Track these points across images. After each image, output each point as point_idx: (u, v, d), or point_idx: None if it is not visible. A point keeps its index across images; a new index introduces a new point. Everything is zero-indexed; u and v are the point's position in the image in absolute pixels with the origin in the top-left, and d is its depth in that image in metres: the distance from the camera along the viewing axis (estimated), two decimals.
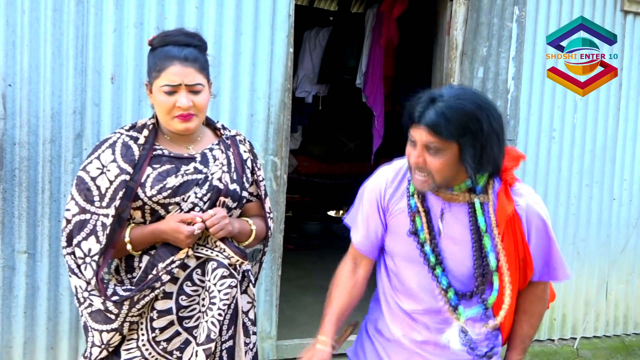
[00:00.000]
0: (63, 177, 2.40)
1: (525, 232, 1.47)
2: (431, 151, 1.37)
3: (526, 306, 1.56)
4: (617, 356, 3.60)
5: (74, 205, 1.51)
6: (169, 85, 1.47)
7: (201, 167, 1.56)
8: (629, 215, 3.65)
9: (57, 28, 2.35)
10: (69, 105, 2.39)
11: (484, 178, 1.45)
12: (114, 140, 1.53)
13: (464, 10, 3.14)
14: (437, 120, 1.33)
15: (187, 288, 1.52)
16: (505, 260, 1.44)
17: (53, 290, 2.42)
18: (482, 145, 1.35)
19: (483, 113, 1.35)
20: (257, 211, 1.72)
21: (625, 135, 3.60)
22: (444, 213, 1.48)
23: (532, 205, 1.49)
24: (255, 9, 2.64)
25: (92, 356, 1.52)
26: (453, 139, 1.34)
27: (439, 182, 1.41)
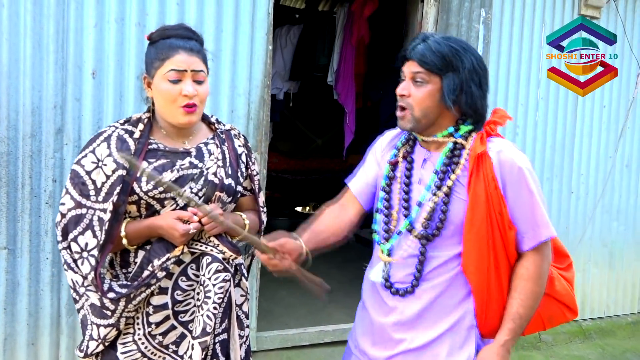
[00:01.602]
0: (44, 173, 2.39)
1: (498, 179, 1.44)
2: (417, 82, 1.48)
3: (516, 282, 1.48)
4: (575, 340, 3.82)
5: (69, 200, 1.49)
6: (175, 70, 1.47)
7: (196, 161, 1.55)
8: (586, 208, 3.88)
9: (37, 22, 2.34)
10: (49, 100, 2.37)
11: (467, 128, 1.51)
12: (109, 134, 1.52)
13: (434, 12, 3.27)
14: (424, 52, 1.46)
15: (182, 283, 1.52)
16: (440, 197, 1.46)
17: (34, 286, 2.41)
18: (462, 82, 1.46)
19: (467, 53, 1.47)
20: (250, 205, 1.73)
21: (582, 132, 3.83)
22: (425, 161, 1.55)
23: (506, 152, 1.47)
24: (235, 7, 2.68)
25: (89, 350, 1.52)
26: (437, 71, 1.46)
27: (418, 116, 1.49)
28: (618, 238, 4.04)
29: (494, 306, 1.50)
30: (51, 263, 2.43)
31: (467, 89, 1.47)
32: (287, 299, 3.86)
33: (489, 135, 1.50)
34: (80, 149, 1.55)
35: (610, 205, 3.98)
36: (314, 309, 3.82)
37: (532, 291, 1.48)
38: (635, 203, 4.08)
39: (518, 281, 1.49)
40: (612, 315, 4.07)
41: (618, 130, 3.95)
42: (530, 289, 1.47)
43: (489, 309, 1.50)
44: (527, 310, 1.48)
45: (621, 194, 4.02)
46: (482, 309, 1.50)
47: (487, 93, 1.53)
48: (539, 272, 1.48)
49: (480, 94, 1.50)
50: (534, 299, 1.49)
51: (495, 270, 1.48)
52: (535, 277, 1.48)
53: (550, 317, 1.62)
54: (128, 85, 2.49)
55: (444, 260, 1.51)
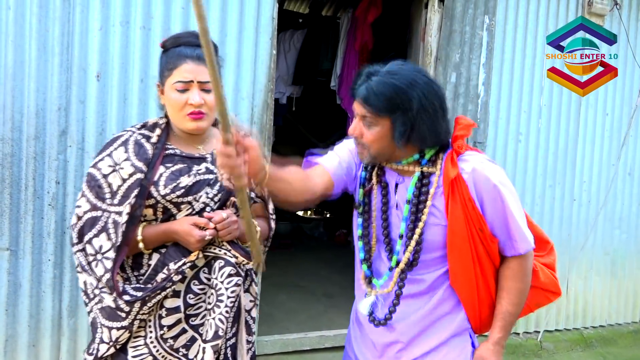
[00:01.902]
0: (47, 174, 2.39)
1: (474, 199, 1.44)
2: (366, 124, 1.44)
3: (503, 282, 1.54)
4: (576, 348, 3.81)
5: (85, 202, 1.51)
6: (182, 81, 1.49)
7: (212, 167, 1.58)
8: (588, 215, 3.87)
9: (42, 24, 2.35)
10: (53, 102, 2.38)
11: (432, 151, 1.49)
12: (126, 138, 1.54)
13: (438, 18, 3.28)
14: (367, 94, 1.40)
15: (195, 286, 1.54)
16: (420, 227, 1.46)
17: (35, 288, 2.41)
18: (412, 123, 1.40)
19: (414, 90, 1.38)
20: (260, 212, 1.74)
21: (585, 139, 3.83)
22: (398, 185, 1.54)
23: (480, 170, 1.46)
24: (240, 11, 2.69)
25: (99, 353, 1.51)
26: (384, 114, 1.40)
27: (374, 154, 1.46)
28: (620, 246, 4.03)
29: (484, 308, 1.57)
30: (53, 265, 2.43)
31: (417, 127, 1.42)
32: (287, 304, 3.86)
33: (458, 153, 1.48)
34: (97, 153, 1.57)
35: (612, 213, 3.97)
36: (315, 314, 3.82)
37: (518, 289, 1.54)
38: (637, 211, 4.07)
39: (504, 281, 1.55)
40: (614, 324, 4.06)
41: (621, 138, 3.95)
42: (516, 288, 1.53)
43: (481, 311, 1.57)
44: (515, 308, 1.54)
45: (623, 202, 4.01)
46: (473, 313, 1.57)
47: (443, 123, 1.46)
48: (524, 271, 1.54)
49: (434, 128, 1.44)
50: (521, 296, 1.55)
51: (482, 279, 1.54)
52: (520, 276, 1.54)
53: (537, 303, 1.70)
54: (132, 88, 2.50)
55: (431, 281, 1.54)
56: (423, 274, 1.53)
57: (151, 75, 2.53)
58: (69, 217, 2.44)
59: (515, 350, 3.60)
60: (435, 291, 1.54)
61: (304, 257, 5.30)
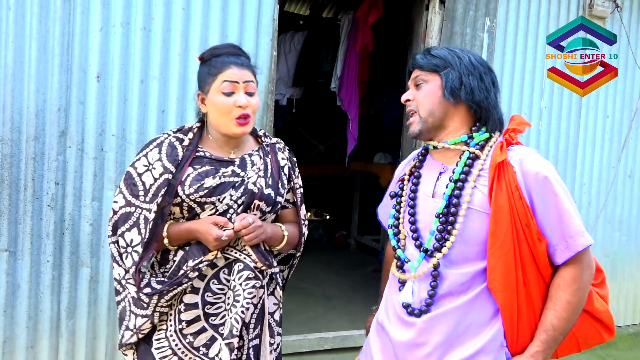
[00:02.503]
0: (46, 175, 2.39)
1: (522, 189, 1.36)
2: (418, 86, 1.51)
3: (552, 292, 1.38)
4: None
5: (121, 198, 1.60)
6: (229, 81, 1.55)
7: (239, 170, 1.62)
8: (588, 218, 3.87)
9: (42, 25, 2.35)
10: (53, 102, 2.38)
11: (482, 137, 1.47)
12: (162, 141, 1.62)
13: (439, 20, 3.28)
14: (422, 56, 1.52)
15: (214, 285, 1.59)
16: (464, 208, 1.39)
17: (34, 289, 2.41)
18: (460, 75, 1.45)
19: (464, 52, 1.49)
20: (291, 218, 1.77)
21: (585, 142, 3.82)
22: (441, 174, 1.49)
23: (529, 161, 1.39)
24: (241, 13, 2.69)
25: (124, 339, 1.61)
26: (435, 69, 1.48)
27: (424, 116, 1.48)
28: (620, 249, 4.02)
29: (524, 325, 1.40)
30: (52, 266, 2.42)
31: (466, 82, 1.45)
32: (286, 305, 3.83)
33: (509, 144, 1.43)
34: (136, 153, 1.65)
35: (612, 215, 3.97)
36: (313, 316, 3.81)
37: (568, 302, 1.36)
38: (637, 214, 4.07)
39: (554, 291, 1.39)
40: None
41: (621, 141, 3.95)
42: (566, 300, 1.36)
43: (519, 327, 1.40)
44: (562, 322, 1.37)
45: (624, 205, 4.01)
46: (511, 327, 1.39)
47: (492, 89, 1.49)
48: (578, 282, 1.37)
49: (483, 88, 1.46)
50: (571, 311, 1.37)
51: (524, 286, 1.39)
52: (572, 286, 1.37)
53: (586, 338, 1.51)
54: (132, 89, 2.50)
55: (467, 277, 1.41)
56: (458, 270, 1.41)
57: (151, 76, 2.52)
58: (68, 218, 2.43)
59: None
60: (470, 292, 1.40)
61: (303, 258, 5.25)
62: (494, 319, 1.40)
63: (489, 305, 1.40)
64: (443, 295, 1.42)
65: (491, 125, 1.49)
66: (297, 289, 4.34)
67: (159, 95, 2.55)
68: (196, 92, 1.65)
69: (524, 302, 1.39)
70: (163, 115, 2.56)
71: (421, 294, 1.46)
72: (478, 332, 1.40)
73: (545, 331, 1.38)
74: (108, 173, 2.48)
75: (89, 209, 2.46)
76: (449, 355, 1.40)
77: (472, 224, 1.40)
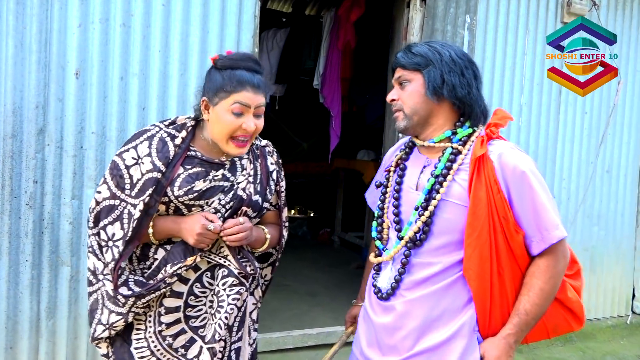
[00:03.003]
0: (24, 173, 2.35)
1: (500, 183, 1.41)
2: (401, 85, 1.54)
3: (526, 279, 1.45)
4: (556, 343, 3.86)
5: (105, 189, 1.54)
6: (241, 103, 1.50)
7: (229, 174, 1.60)
8: (567, 213, 3.93)
9: (19, 21, 2.31)
10: (31, 100, 2.34)
11: (465, 132, 1.51)
12: (153, 134, 1.56)
13: (420, 17, 3.30)
14: (403, 55, 1.54)
15: (196, 289, 1.57)
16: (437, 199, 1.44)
17: (13, 289, 2.37)
18: (442, 73, 1.48)
19: (444, 48, 1.51)
20: (273, 219, 1.76)
21: (564, 138, 3.88)
22: (425, 167, 1.55)
23: (508, 155, 1.43)
24: (221, 9, 2.68)
25: (96, 333, 1.57)
26: (416, 68, 1.50)
27: (409, 113, 1.52)
28: (599, 243, 4.10)
29: (496, 312, 1.46)
30: (31, 265, 2.39)
31: (447, 79, 1.47)
32: (271, 303, 3.85)
33: (490, 138, 1.48)
34: (124, 143, 1.59)
35: (591, 210, 4.04)
36: (298, 312, 3.82)
37: (541, 289, 1.42)
38: (615, 208, 4.15)
39: (528, 279, 1.45)
40: (593, 319, 4.12)
41: (599, 137, 4.02)
42: (539, 287, 1.42)
43: (491, 314, 1.46)
44: (534, 308, 1.43)
45: (602, 200, 4.08)
46: (483, 314, 1.46)
47: (474, 83, 1.51)
48: (551, 271, 1.43)
49: (465, 83, 1.49)
50: (543, 298, 1.43)
51: (498, 276, 1.44)
52: (546, 275, 1.42)
53: (555, 326, 1.58)
54: (112, 86, 2.47)
55: (443, 266, 1.47)
56: (436, 258, 1.48)
57: (131, 72, 2.50)
58: (47, 217, 2.40)
59: None
60: (446, 279, 1.46)
61: (287, 256, 5.26)
62: (467, 305, 1.47)
63: (464, 293, 1.46)
64: (419, 282, 1.49)
65: (474, 119, 1.53)
66: (282, 287, 4.34)
67: (139, 92, 2.52)
68: (201, 96, 1.57)
69: (497, 290, 1.45)
70: (144, 112, 2.54)
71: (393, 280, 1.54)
72: (452, 318, 1.46)
73: (518, 315, 1.43)
74: (88, 171, 2.45)
75: (69, 207, 2.43)
76: (424, 339, 1.48)
77: (449, 216, 1.46)
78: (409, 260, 1.50)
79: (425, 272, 1.48)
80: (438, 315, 1.47)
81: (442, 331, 1.46)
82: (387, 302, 1.54)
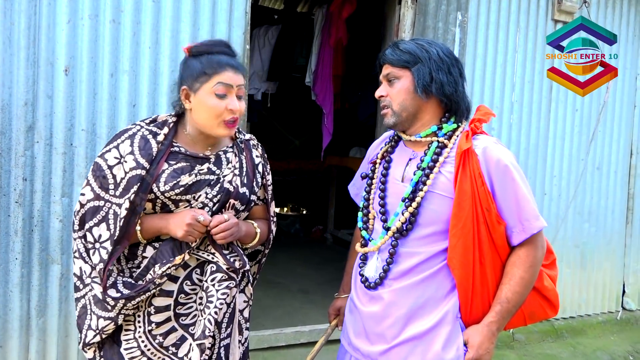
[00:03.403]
0: (13, 171, 2.33)
1: (484, 176, 1.48)
2: (391, 82, 1.58)
3: (507, 269, 1.52)
4: (547, 339, 3.89)
5: (89, 191, 1.54)
6: (224, 83, 1.50)
7: (214, 168, 1.59)
8: (558, 209, 3.95)
9: (7, 17, 2.28)
10: (19, 97, 2.32)
11: (450, 127, 1.58)
12: (134, 132, 1.56)
13: (411, 14, 3.30)
14: (391, 52, 1.58)
15: (186, 287, 1.57)
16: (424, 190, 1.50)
17: (2, 287, 2.35)
18: (430, 71, 1.52)
19: (431, 46, 1.56)
20: (261, 214, 1.77)
21: (555, 135, 3.90)
22: (411, 160, 1.60)
23: (492, 149, 1.50)
24: (212, 5, 2.66)
25: (87, 339, 1.55)
26: (405, 66, 1.55)
27: (398, 109, 1.57)
28: (589, 239, 4.12)
29: (477, 300, 1.53)
30: (20, 264, 2.37)
31: (436, 77, 1.52)
32: (263, 300, 3.85)
33: (474, 133, 1.55)
34: (105, 144, 1.58)
35: (582, 206, 4.07)
36: (290, 310, 3.82)
37: (522, 277, 1.50)
38: (605, 205, 4.18)
39: (509, 268, 1.52)
40: (584, 315, 4.16)
41: (589, 134, 4.04)
42: (520, 275, 1.50)
43: (473, 302, 1.53)
44: (515, 296, 1.50)
45: (592, 196, 4.11)
46: (466, 302, 1.53)
47: (460, 80, 1.57)
48: (531, 260, 1.51)
49: (452, 81, 1.55)
50: (523, 286, 1.50)
51: (480, 265, 1.51)
52: (526, 264, 1.50)
53: (532, 313, 1.65)
54: (102, 83, 2.46)
55: (427, 256, 1.53)
56: (421, 248, 1.53)
57: (121, 69, 2.48)
58: (37, 215, 2.38)
59: None
60: (431, 269, 1.53)
61: (279, 253, 5.28)
62: (450, 293, 1.54)
63: (447, 282, 1.53)
64: (404, 272, 1.55)
65: (459, 115, 1.60)
66: (274, 284, 4.34)
67: (129, 89, 2.51)
68: (180, 86, 1.57)
69: (479, 279, 1.52)
70: (134, 109, 2.53)
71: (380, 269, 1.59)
72: (436, 306, 1.53)
73: (500, 303, 1.51)
74: (78, 168, 2.43)
75: (59, 205, 2.41)
76: (410, 327, 1.53)
77: (435, 207, 1.52)
78: (396, 251, 1.55)
79: (411, 261, 1.54)
80: (423, 303, 1.53)
81: (427, 319, 1.52)
82: (375, 291, 1.59)
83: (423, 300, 1.53)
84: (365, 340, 1.61)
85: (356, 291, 1.69)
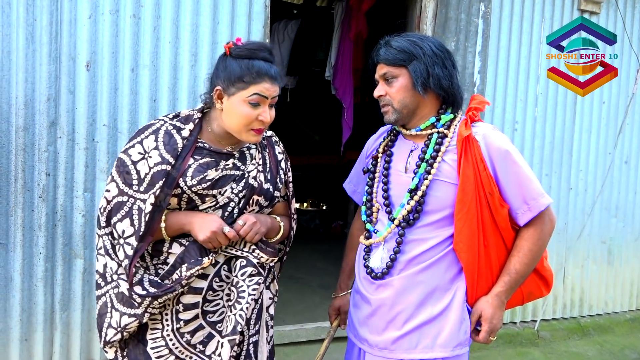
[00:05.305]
0: (37, 166, 2.35)
1: (486, 161, 1.53)
2: (388, 81, 1.61)
3: (517, 242, 1.59)
4: (573, 337, 3.81)
5: (114, 187, 1.53)
6: (260, 95, 1.49)
7: (239, 164, 1.59)
8: (585, 204, 3.86)
9: (29, 13, 2.30)
10: (42, 92, 2.34)
11: (448, 118, 1.63)
12: (158, 127, 1.55)
13: (433, 6, 3.24)
14: (385, 51, 1.60)
15: (215, 284, 1.56)
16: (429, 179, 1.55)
17: (27, 281, 2.38)
18: (427, 67, 1.56)
19: (424, 41, 1.60)
20: (283, 211, 1.76)
21: (582, 128, 3.81)
22: (412, 152, 1.65)
23: (491, 136, 1.56)
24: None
25: (107, 337, 1.54)
26: (401, 64, 1.57)
27: (398, 107, 1.60)
28: (617, 235, 4.02)
29: (482, 282, 1.59)
30: (44, 258, 2.40)
31: (432, 72, 1.56)
32: (283, 295, 3.83)
33: (472, 121, 1.61)
34: (128, 139, 1.57)
35: (609, 201, 3.96)
36: (310, 305, 3.80)
37: (531, 250, 1.57)
38: (634, 199, 4.07)
39: (518, 241, 1.60)
40: (611, 312, 4.06)
41: (617, 127, 3.93)
42: (528, 247, 1.57)
43: (478, 285, 1.59)
44: (523, 267, 1.58)
45: (620, 191, 4.00)
46: (472, 284, 1.59)
47: (454, 72, 1.62)
48: (539, 234, 1.58)
49: (447, 74, 1.59)
50: (532, 257, 1.58)
51: (484, 248, 1.57)
52: (534, 237, 1.57)
53: (530, 293, 1.73)
54: (123, 78, 2.46)
55: (435, 243, 1.58)
56: (427, 234, 1.58)
57: (142, 64, 2.49)
58: (60, 210, 2.40)
59: (512, 340, 3.60)
60: (437, 255, 1.58)
61: (300, 248, 5.27)
62: (457, 277, 1.60)
63: (453, 266, 1.59)
64: (412, 259, 1.59)
65: (455, 106, 1.66)
66: (294, 279, 4.33)
67: (150, 84, 2.51)
68: (213, 84, 1.54)
69: (484, 262, 1.58)
70: (155, 104, 2.53)
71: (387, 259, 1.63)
72: (444, 291, 1.59)
73: (508, 274, 1.58)
74: (100, 164, 2.44)
75: (81, 200, 2.43)
76: (421, 312, 1.58)
77: (440, 194, 1.57)
78: (403, 240, 1.59)
79: (418, 249, 1.58)
80: (432, 289, 1.58)
81: (437, 304, 1.58)
82: (382, 280, 1.62)
83: (432, 286, 1.58)
84: (374, 329, 1.64)
85: (361, 282, 1.72)
